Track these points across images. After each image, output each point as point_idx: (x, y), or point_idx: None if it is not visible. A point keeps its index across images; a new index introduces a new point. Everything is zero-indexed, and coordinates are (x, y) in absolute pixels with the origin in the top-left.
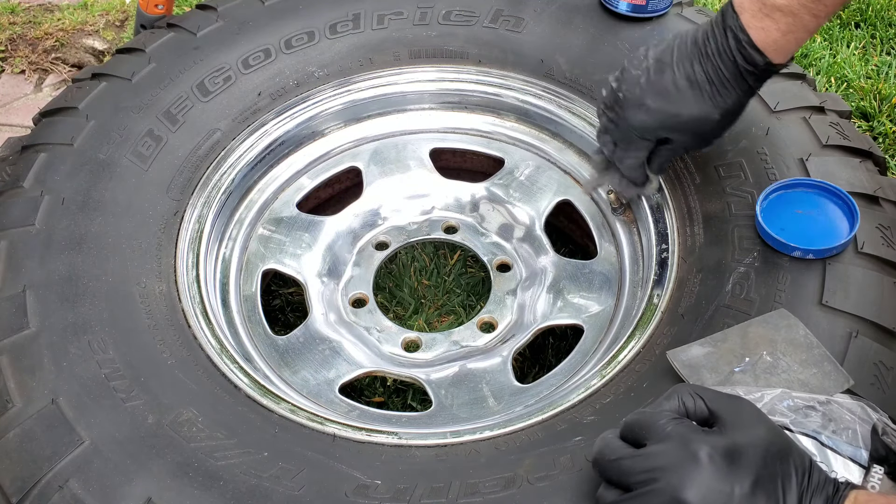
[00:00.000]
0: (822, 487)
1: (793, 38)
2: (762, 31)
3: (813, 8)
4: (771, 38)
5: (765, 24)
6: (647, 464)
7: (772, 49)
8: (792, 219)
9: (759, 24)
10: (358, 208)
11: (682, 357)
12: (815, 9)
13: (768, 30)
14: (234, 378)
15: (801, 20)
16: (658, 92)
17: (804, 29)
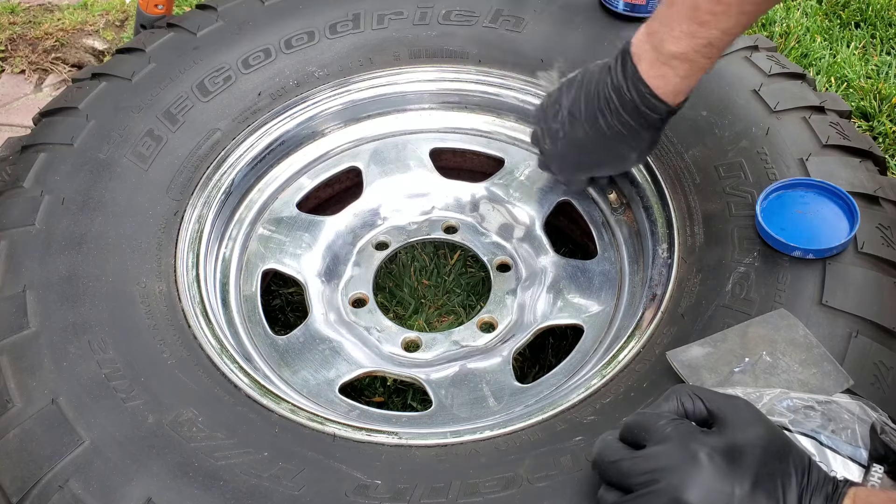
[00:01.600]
0: (822, 486)
1: (691, 81)
2: (661, 80)
3: (706, 52)
4: (671, 86)
5: (663, 72)
6: (647, 465)
7: (671, 95)
8: (792, 219)
9: (658, 72)
10: (358, 208)
11: (681, 357)
12: (708, 52)
13: (667, 77)
14: (234, 378)
15: (697, 64)
16: (575, 146)
17: (700, 71)
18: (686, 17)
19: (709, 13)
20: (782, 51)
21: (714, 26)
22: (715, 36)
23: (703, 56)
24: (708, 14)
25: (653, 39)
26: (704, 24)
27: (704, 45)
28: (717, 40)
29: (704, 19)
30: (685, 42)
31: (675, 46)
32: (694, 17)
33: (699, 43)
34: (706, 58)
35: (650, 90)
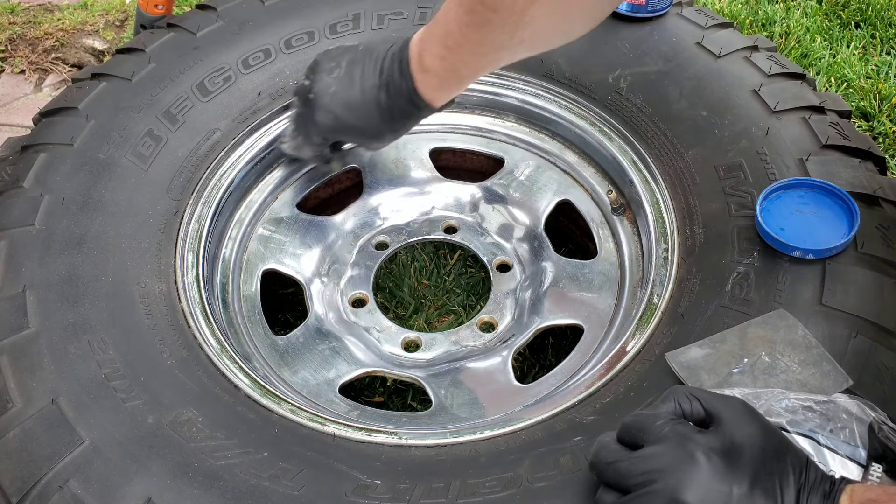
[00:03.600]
0: (819, 483)
1: (447, 93)
2: (423, 84)
3: (455, 73)
4: (429, 93)
5: (424, 78)
6: (645, 465)
7: (431, 99)
8: (792, 219)
9: (420, 77)
10: (358, 208)
11: (680, 359)
12: (456, 74)
13: (426, 83)
14: (234, 378)
15: (447, 81)
16: (345, 104)
17: (456, 85)
18: (438, 41)
19: (455, 43)
20: (782, 51)
21: (458, 56)
22: (461, 62)
23: (454, 76)
24: (454, 42)
25: (418, 47)
26: (451, 50)
27: (450, 69)
28: (463, 66)
29: (451, 45)
30: (437, 62)
31: (429, 61)
32: (444, 42)
33: (446, 65)
34: (456, 77)
35: (414, 87)
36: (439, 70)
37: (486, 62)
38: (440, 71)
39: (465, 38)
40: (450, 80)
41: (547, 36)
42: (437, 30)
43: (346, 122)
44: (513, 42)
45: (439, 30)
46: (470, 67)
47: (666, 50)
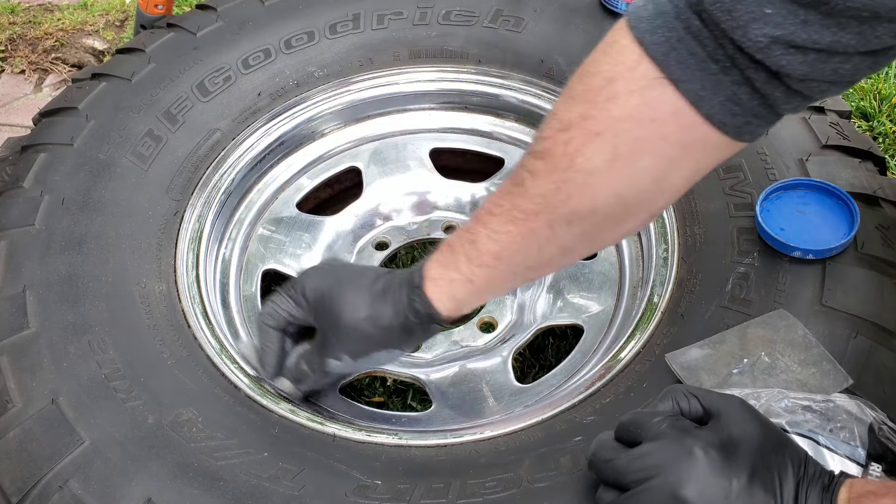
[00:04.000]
0: (818, 477)
1: (447, 275)
2: (430, 260)
3: (467, 249)
4: (432, 270)
5: (434, 255)
6: (643, 462)
7: (429, 278)
8: (792, 219)
9: (433, 255)
10: (358, 208)
11: (680, 360)
12: (468, 251)
13: (433, 259)
14: (234, 378)
15: (455, 258)
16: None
17: (457, 269)
18: (472, 215)
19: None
20: None
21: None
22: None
23: (464, 253)
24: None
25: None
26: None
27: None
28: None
29: (480, 217)
30: (458, 234)
31: (451, 236)
32: (476, 215)
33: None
34: (466, 256)
35: (423, 262)
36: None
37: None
38: (456, 242)
39: (498, 208)
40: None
41: (601, 195)
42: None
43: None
44: (556, 202)
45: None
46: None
47: None
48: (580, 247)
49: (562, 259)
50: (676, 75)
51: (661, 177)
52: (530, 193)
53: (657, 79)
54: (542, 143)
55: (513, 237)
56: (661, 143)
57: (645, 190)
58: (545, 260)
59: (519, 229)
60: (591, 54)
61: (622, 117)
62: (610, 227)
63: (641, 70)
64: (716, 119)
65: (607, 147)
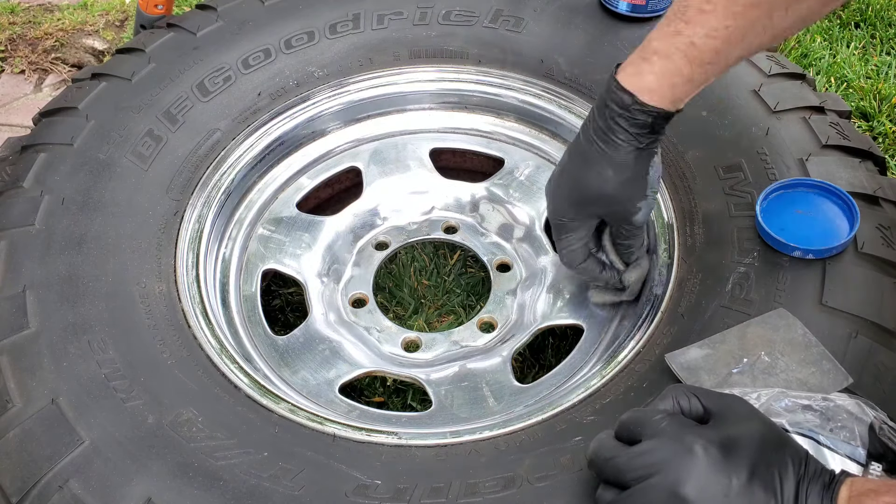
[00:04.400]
0: (819, 476)
1: (668, 82)
2: (635, 76)
3: (687, 52)
4: (644, 82)
5: (641, 67)
6: (643, 460)
7: (645, 91)
8: (792, 219)
9: (635, 69)
10: (358, 208)
11: (679, 360)
12: (689, 53)
13: (643, 73)
14: (234, 378)
15: (674, 64)
16: (561, 170)
17: (679, 74)
18: (674, 15)
19: (697, 10)
20: (782, 51)
21: (699, 24)
22: (699, 36)
23: (684, 56)
24: (695, 11)
25: (641, 43)
26: (690, 23)
27: (687, 45)
28: (701, 42)
29: (690, 17)
30: (668, 39)
31: (657, 42)
32: (682, 15)
33: (682, 41)
34: (687, 59)
35: (618, 83)
36: (669, 48)
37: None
38: (670, 49)
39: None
40: (677, 62)
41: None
42: (669, 11)
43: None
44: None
45: (673, 7)
46: (711, 40)
47: None
48: (790, 31)
49: (770, 43)
50: None
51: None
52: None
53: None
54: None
55: (731, 31)
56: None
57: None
58: (756, 47)
59: (738, 23)
60: None
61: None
62: (824, 4)
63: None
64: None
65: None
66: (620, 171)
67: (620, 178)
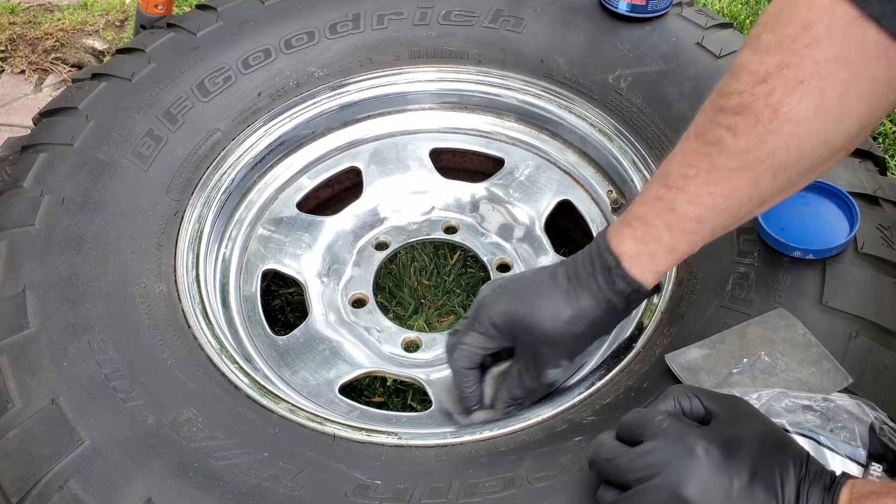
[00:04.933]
0: (820, 477)
1: (648, 250)
2: (618, 238)
3: (667, 218)
4: (625, 246)
5: (623, 231)
6: (644, 461)
7: (626, 257)
8: (792, 219)
9: (618, 231)
10: (358, 208)
11: (680, 360)
12: (668, 219)
13: (624, 236)
14: (234, 378)
15: (655, 230)
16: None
17: (659, 242)
18: (656, 180)
19: (678, 175)
20: None
21: (680, 190)
22: (680, 202)
23: (665, 223)
24: (677, 176)
25: (626, 209)
26: (671, 188)
27: (668, 210)
28: (683, 208)
29: (672, 182)
30: (649, 205)
31: (638, 207)
32: (664, 180)
33: (662, 206)
34: (667, 226)
35: (606, 244)
36: (649, 213)
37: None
38: (650, 214)
39: (692, 170)
40: (657, 227)
41: (808, 143)
42: (653, 177)
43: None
44: (761, 155)
45: (658, 174)
46: (693, 206)
47: (666, 50)
48: (778, 196)
49: (758, 210)
50: (878, 12)
51: (868, 115)
52: (732, 151)
53: (856, 18)
54: (737, 98)
55: (715, 198)
56: (870, 82)
57: (851, 131)
58: (744, 214)
59: (721, 189)
60: (775, 6)
61: (827, 61)
62: (812, 172)
63: (839, 12)
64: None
65: (813, 93)
66: (576, 320)
67: (569, 326)
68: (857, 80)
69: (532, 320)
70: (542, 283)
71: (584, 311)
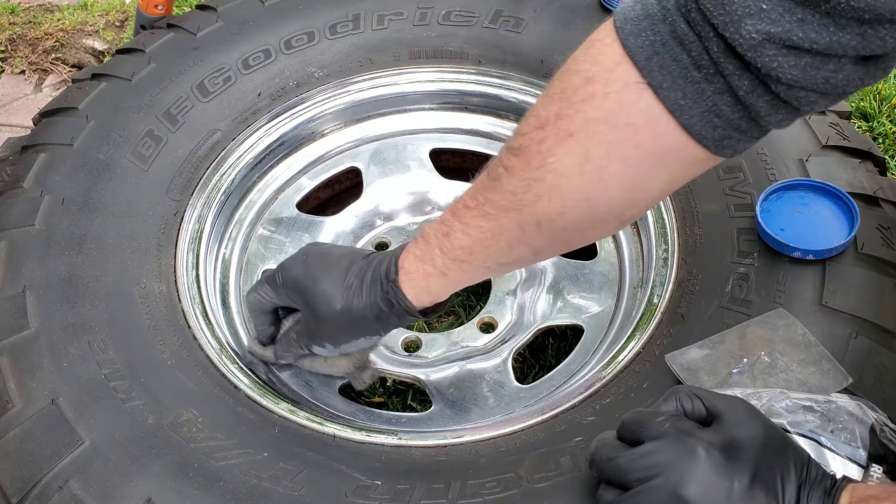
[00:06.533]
0: (820, 480)
1: (422, 270)
2: (406, 251)
3: (442, 243)
4: (408, 261)
5: (412, 245)
6: (645, 461)
7: (404, 271)
8: (792, 219)
9: (412, 243)
10: (358, 209)
11: (680, 360)
12: (443, 245)
13: (409, 251)
14: (234, 378)
15: (431, 251)
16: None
17: (432, 263)
18: (450, 206)
19: (462, 204)
20: None
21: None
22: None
23: (439, 247)
24: (461, 205)
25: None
26: (455, 215)
27: (444, 235)
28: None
29: (456, 209)
30: (435, 226)
31: (429, 226)
32: (452, 206)
33: (441, 230)
34: (441, 250)
35: (397, 255)
36: (429, 230)
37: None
38: (430, 231)
39: (473, 201)
40: (433, 251)
41: (570, 198)
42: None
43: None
44: (525, 200)
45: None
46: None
47: None
48: (550, 248)
49: (533, 258)
50: (657, 81)
51: (633, 185)
52: (503, 189)
53: (637, 83)
54: (519, 139)
55: (483, 233)
56: (635, 150)
57: (615, 197)
58: (516, 257)
59: (490, 225)
60: (575, 53)
61: (597, 119)
62: (579, 231)
63: (620, 72)
64: (695, 130)
65: (580, 149)
66: (344, 315)
67: (337, 317)
68: (622, 144)
69: (310, 297)
70: (335, 267)
71: (354, 310)
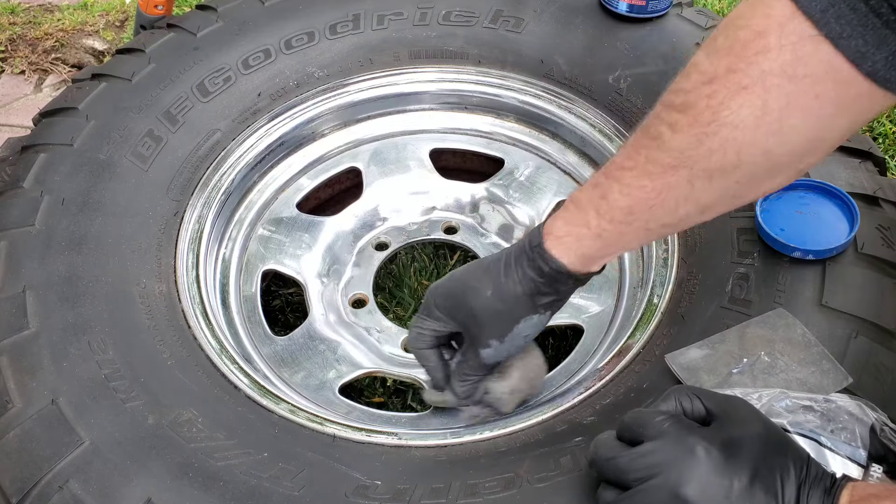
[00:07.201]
0: (820, 480)
1: (575, 233)
2: (553, 218)
3: (598, 205)
4: (555, 226)
5: (559, 213)
6: (644, 461)
7: (553, 236)
8: (792, 219)
9: (556, 213)
10: (358, 209)
11: (680, 360)
12: (600, 207)
13: (557, 217)
14: (234, 378)
15: (584, 214)
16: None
17: (587, 225)
18: (600, 170)
19: (617, 166)
20: None
21: (616, 179)
22: (613, 191)
23: (595, 209)
24: (616, 167)
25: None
26: (609, 177)
27: (599, 197)
28: (613, 197)
29: (610, 171)
30: (586, 191)
31: (577, 192)
32: (605, 169)
33: (596, 193)
34: (597, 212)
35: (542, 224)
36: (583, 197)
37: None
38: (584, 198)
39: (630, 161)
40: (588, 214)
41: (747, 151)
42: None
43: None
44: (696, 156)
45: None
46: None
47: (666, 50)
48: (720, 204)
49: (699, 217)
50: (836, 32)
51: (814, 135)
52: (668, 147)
53: (812, 36)
54: (683, 95)
55: (647, 192)
56: (815, 101)
57: (795, 149)
58: (681, 217)
59: (654, 184)
60: (737, 9)
61: (772, 71)
62: (754, 184)
63: (793, 26)
64: (879, 76)
65: (756, 101)
66: (496, 297)
67: (490, 303)
68: (802, 95)
69: (462, 299)
70: (480, 265)
71: (505, 289)
